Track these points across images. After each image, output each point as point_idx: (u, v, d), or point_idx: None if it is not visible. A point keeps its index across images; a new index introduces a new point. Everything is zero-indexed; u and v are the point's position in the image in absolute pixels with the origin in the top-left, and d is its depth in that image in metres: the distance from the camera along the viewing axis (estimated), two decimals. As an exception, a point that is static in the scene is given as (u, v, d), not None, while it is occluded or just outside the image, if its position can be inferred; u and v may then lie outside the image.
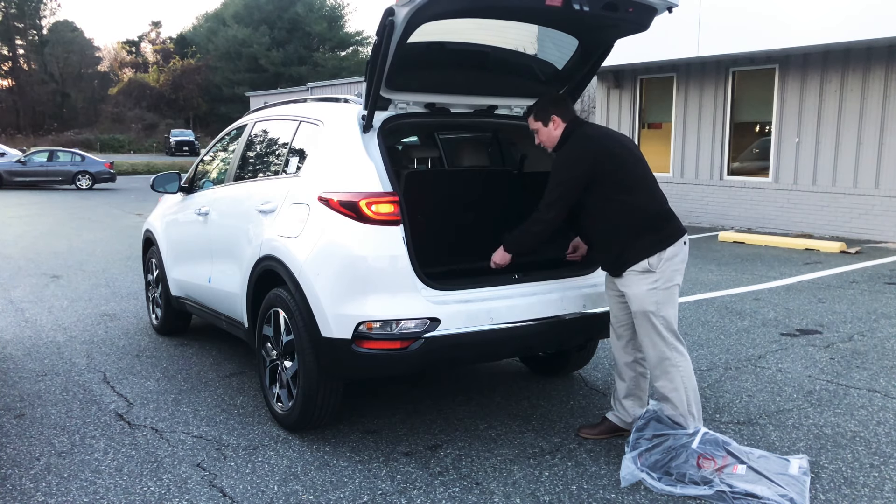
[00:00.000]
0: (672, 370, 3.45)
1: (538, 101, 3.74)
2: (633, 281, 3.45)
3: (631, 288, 3.46)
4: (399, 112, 3.94)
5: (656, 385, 3.51)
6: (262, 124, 4.87)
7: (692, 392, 3.48)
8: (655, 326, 3.44)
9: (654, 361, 3.50)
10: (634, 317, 3.51)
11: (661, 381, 3.48)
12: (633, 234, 3.45)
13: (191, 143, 46.12)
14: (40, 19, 64.57)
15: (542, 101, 3.71)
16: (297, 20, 61.29)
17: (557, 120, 3.60)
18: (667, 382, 3.46)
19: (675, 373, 3.45)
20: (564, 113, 3.62)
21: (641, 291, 3.43)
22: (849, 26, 10.26)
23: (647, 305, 3.43)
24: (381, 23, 3.37)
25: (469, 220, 4.64)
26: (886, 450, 3.65)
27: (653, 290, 3.42)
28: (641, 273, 3.43)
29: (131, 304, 7.00)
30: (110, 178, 23.85)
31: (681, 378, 3.45)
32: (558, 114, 3.61)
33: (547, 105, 3.65)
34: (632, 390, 3.72)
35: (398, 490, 3.23)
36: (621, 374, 3.74)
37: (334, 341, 3.43)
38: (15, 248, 10.79)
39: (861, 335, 5.78)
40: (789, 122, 11.95)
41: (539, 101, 3.72)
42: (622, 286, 3.51)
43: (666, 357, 3.45)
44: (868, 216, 11.11)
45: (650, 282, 3.43)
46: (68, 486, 3.29)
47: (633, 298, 3.47)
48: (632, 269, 3.44)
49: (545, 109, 3.63)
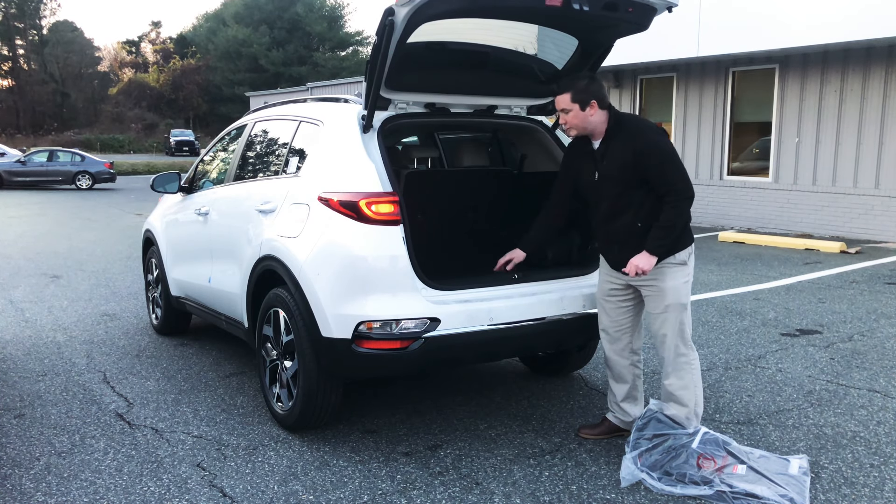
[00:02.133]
0: (686, 367, 3.46)
1: (572, 79, 3.50)
2: (670, 273, 3.41)
3: (666, 281, 3.41)
4: (399, 112, 3.94)
5: (666, 382, 3.50)
6: (262, 124, 4.87)
7: (700, 391, 3.49)
8: (682, 322, 3.44)
9: (670, 358, 3.48)
10: (660, 310, 3.44)
11: (671, 378, 3.48)
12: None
13: (191, 143, 46.12)
14: (40, 19, 64.56)
15: (579, 82, 3.44)
16: (297, 20, 61.27)
17: (596, 106, 3.41)
18: (677, 380, 3.47)
19: (688, 370, 3.46)
20: (603, 99, 3.44)
21: (678, 283, 3.41)
22: (848, 26, 10.25)
23: (682, 298, 3.42)
24: (381, 23, 3.37)
25: (469, 220, 4.64)
26: (886, 450, 3.65)
27: (686, 283, 3.44)
28: (678, 265, 3.41)
29: (131, 304, 7.00)
30: (110, 178, 23.85)
31: (692, 376, 3.46)
32: (598, 100, 3.41)
33: (588, 87, 3.42)
34: (631, 392, 3.72)
35: (398, 490, 3.23)
36: (620, 376, 3.72)
37: (334, 341, 3.43)
38: (15, 248, 10.79)
39: (861, 335, 5.78)
40: (789, 122, 11.95)
41: (576, 82, 3.45)
42: (650, 279, 3.42)
43: (682, 353, 3.46)
44: (868, 216, 11.11)
45: (684, 274, 3.43)
46: (68, 486, 3.29)
47: (668, 291, 3.41)
48: (669, 261, 3.39)
49: (587, 91, 3.40)
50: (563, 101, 3.45)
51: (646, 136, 3.38)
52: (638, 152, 3.34)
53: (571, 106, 3.43)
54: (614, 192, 3.42)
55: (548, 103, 4.42)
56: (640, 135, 3.39)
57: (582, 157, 3.58)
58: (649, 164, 3.33)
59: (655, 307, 3.48)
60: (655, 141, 3.38)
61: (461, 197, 4.59)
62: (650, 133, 3.41)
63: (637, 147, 3.35)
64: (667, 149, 3.38)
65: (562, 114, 3.48)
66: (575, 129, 3.49)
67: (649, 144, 3.36)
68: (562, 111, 3.47)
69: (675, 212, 3.33)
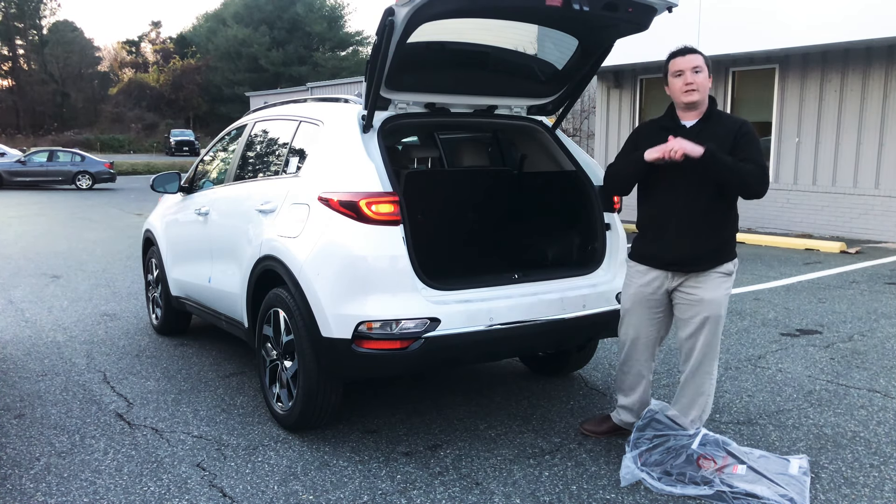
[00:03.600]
0: (706, 378, 3.43)
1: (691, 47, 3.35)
2: (716, 283, 3.31)
3: (710, 291, 3.30)
4: (399, 112, 3.94)
5: (686, 388, 3.46)
6: (262, 124, 4.87)
7: (711, 401, 3.48)
8: (718, 334, 3.37)
9: (694, 368, 3.40)
10: (698, 320, 3.33)
11: (691, 385, 3.44)
12: (732, 232, 3.38)
13: (191, 143, 46.12)
14: (40, 19, 64.59)
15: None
16: (297, 20, 61.30)
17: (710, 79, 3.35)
18: (696, 388, 3.43)
19: (707, 381, 3.43)
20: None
21: (720, 295, 3.31)
22: (848, 26, 10.26)
23: (722, 310, 3.33)
24: (381, 23, 3.37)
25: (469, 220, 4.64)
26: (886, 450, 3.65)
27: (727, 294, 3.35)
28: (726, 275, 3.33)
29: (131, 304, 7.00)
30: (110, 178, 23.86)
31: (709, 387, 3.44)
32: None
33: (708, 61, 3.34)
34: (641, 399, 3.64)
35: (398, 490, 3.23)
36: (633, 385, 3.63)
37: (334, 341, 3.43)
38: (15, 248, 10.79)
39: (861, 335, 5.78)
40: (789, 122, 11.95)
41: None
42: (694, 287, 3.32)
43: (710, 364, 3.41)
44: (868, 216, 11.11)
45: (727, 286, 3.35)
46: (68, 486, 3.29)
47: (707, 302, 3.30)
48: (719, 269, 3.31)
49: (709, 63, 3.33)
50: (697, 59, 3.26)
51: (748, 123, 3.33)
52: (740, 132, 3.24)
53: (704, 67, 3.27)
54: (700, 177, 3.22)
55: (548, 103, 4.42)
56: (742, 121, 3.34)
57: (663, 134, 3.30)
58: (747, 145, 3.22)
59: (692, 316, 3.35)
60: (754, 131, 3.32)
61: (461, 197, 4.59)
62: (752, 126, 3.35)
63: (740, 128, 3.26)
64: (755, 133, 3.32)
65: (690, 73, 3.24)
66: (701, 91, 3.26)
67: (750, 130, 3.29)
68: (693, 69, 3.25)
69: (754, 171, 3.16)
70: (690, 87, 3.25)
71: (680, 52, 3.33)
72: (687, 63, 3.26)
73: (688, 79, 3.25)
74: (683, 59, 3.29)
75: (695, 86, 3.25)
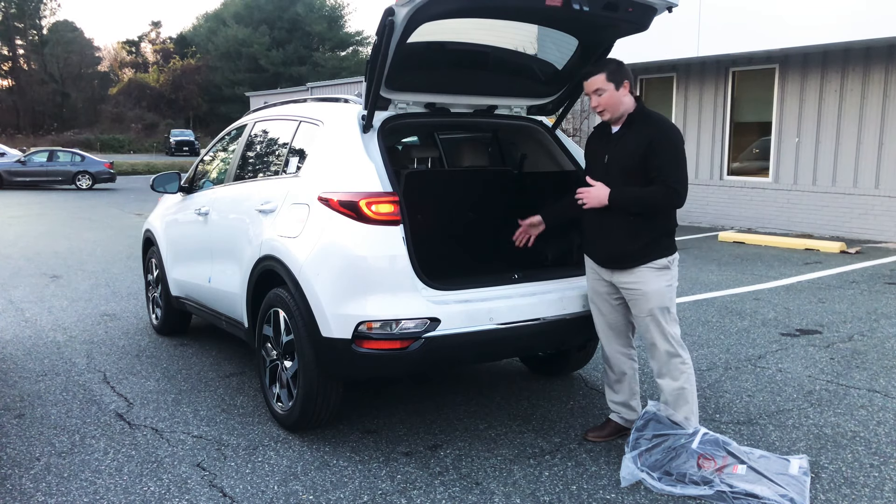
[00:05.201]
0: (681, 367, 3.45)
1: (604, 62, 3.49)
2: (649, 277, 3.40)
3: (647, 284, 3.40)
4: (399, 112, 3.94)
5: (661, 382, 3.50)
6: (262, 124, 4.87)
7: (694, 391, 3.49)
8: (668, 323, 3.43)
9: (663, 360, 3.47)
10: (644, 314, 3.44)
11: (666, 378, 3.48)
12: (662, 231, 3.44)
13: (191, 143, 46.11)
14: (40, 19, 64.56)
15: (611, 62, 3.45)
16: (297, 20, 61.28)
17: (628, 87, 3.42)
18: (671, 381, 3.46)
19: (683, 369, 3.46)
20: (632, 84, 3.47)
21: (660, 287, 3.40)
22: (848, 26, 10.26)
23: (665, 301, 3.42)
24: (381, 23, 3.37)
25: (469, 220, 4.64)
26: (886, 450, 3.65)
27: (668, 286, 3.43)
28: (659, 269, 3.41)
29: (131, 304, 7.00)
30: (110, 178, 23.85)
31: (686, 376, 3.46)
32: (629, 81, 3.43)
33: (620, 68, 3.42)
34: (631, 389, 3.72)
35: (398, 490, 3.23)
36: (619, 375, 3.72)
37: (334, 341, 3.43)
38: (15, 248, 10.79)
39: (861, 335, 5.78)
40: (789, 121, 11.95)
41: (608, 63, 3.45)
42: (632, 282, 3.43)
43: (676, 354, 3.45)
44: (868, 216, 11.11)
45: (667, 278, 3.43)
46: (68, 486, 3.29)
47: (648, 295, 3.40)
48: (649, 265, 3.40)
49: (620, 72, 3.40)
50: (597, 82, 3.39)
51: (665, 130, 3.38)
52: (654, 140, 3.32)
53: (607, 85, 3.38)
54: (619, 181, 3.39)
55: (548, 103, 4.42)
56: (660, 127, 3.38)
57: (598, 141, 3.58)
58: (659, 154, 3.30)
59: (640, 311, 3.47)
60: (673, 138, 3.36)
61: (461, 197, 4.59)
62: (670, 129, 3.39)
63: (654, 136, 3.33)
64: (680, 149, 3.37)
65: (594, 96, 3.42)
66: (608, 110, 3.42)
67: (667, 137, 3.35)
68: (595, 92, 3.41)
69: (659, 194, 3.31)
70: (596, 109, 3.47)
71: (582, 75, 3.52)
72: (587, 88, 3.46)
73: (592, 103, 3.46)
74: (585, 83, 3.47)
75: (600, 107, 3.44)
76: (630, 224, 3.40)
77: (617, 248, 3.45)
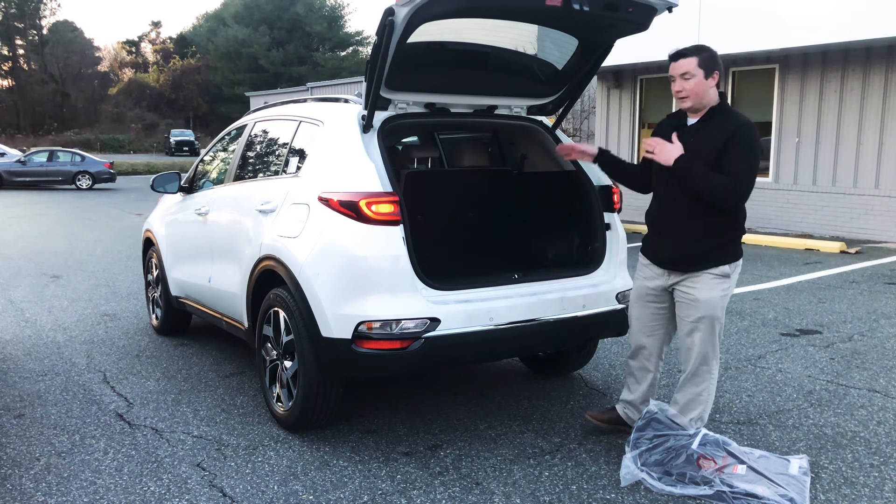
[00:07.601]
0: (706, 375, 3.41)
1: (699, 46, 3.27)
2: (708, 284, 3.31)
3: (702, 291, 3.30)
4: (399, 112, 3.94)
5: (682, 379, 3.47)
6: (262, 124, 4.87)
7: (711, 401, 3.48)
8: (715, 335, 3.36)
9: (693, 365, 3.40)
10: (691, 319, 3.34)
11: (689, 385, 3.44)
12: (730, 236, 3.34)
13: (191, 143, 46.12)
14: (40, 19, 64.57)
15: (706, 48, 3.25)
16: (297, 20, 61.30)
17: (717, 77, 3.24)
18: (694, 387, 3.43)
19: (707, 378, 3.42)
20: (721, 75, 3.29)
21: (714, 296, 3.30)
22: (848, 26, 10.26)
23: (716, 311, 3.32)
24: (381, 23, 3.37)
25: (469, 220, 4.64)
26: (886, 450, 3.65)
27: (724, 296, 3.33)
28: (719, 277, 3.31)
29: (131, 304, 7.00)
30: (110, 178, 23.85)
31: (708, 385, 3.43)
32: (720, 73, 3.26)
33: (714, 57, 3.23)
34: (645, 395, 3.67)
35: (398, 490, 3.23)
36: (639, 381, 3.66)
37: (334, 341, 3.43)
38: (15, 248, 10.79)
39: (861, 335, 5.78)
40: (789, 121, 11.95)
41: (703, 48, 3.25)
42: (688, 287, 3.34)
43: (707, 363, 3.40)
44: (868, 216, 11.11)
45: (724, 287, 3.33)
46: (68, 486, 3.29)
47: (700, 302, 3.30)
48: (713, 271, 3.29)
49: (713, 60, 3.22)
50: (686, 65, 3.22)
51: (747, 128, 3.21)
52: (732, 137, 3.17)
53: (697, 71, 3.21)
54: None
55: (548, 103, 4.42)
56: (743, 124, 3.21)
57: (670, 131, 3.37)
58: (735, 149, 3.15)
59: (688, 315, 3.37)
60: (753, 137, 3.21)
61: (461, 197, 4.60)
62: (752, 128, 3.25)
63: (734, 132, 3.18)
64: (756, 150, 3.21)
65: (680, 79, 3.24)
66: (691, 98, 3.25)
67: (747, 135, 3.19)
68: (682, 76, 3.23)
69: (721, 184, 3.14)
70: (679, 94, 3.29)
71: (672, 56, 3.32)
72: (675, 69, 3.28)
73: (676, 86, 3.29)
74: (674, 64, 3.30)
75: (683, 93, 3.27)
76: (699, 226, 3.28)
77: (682, 248, 3.33)
